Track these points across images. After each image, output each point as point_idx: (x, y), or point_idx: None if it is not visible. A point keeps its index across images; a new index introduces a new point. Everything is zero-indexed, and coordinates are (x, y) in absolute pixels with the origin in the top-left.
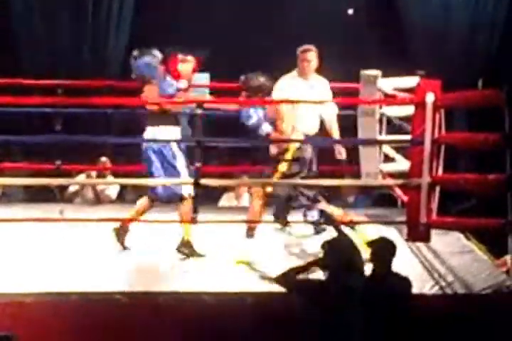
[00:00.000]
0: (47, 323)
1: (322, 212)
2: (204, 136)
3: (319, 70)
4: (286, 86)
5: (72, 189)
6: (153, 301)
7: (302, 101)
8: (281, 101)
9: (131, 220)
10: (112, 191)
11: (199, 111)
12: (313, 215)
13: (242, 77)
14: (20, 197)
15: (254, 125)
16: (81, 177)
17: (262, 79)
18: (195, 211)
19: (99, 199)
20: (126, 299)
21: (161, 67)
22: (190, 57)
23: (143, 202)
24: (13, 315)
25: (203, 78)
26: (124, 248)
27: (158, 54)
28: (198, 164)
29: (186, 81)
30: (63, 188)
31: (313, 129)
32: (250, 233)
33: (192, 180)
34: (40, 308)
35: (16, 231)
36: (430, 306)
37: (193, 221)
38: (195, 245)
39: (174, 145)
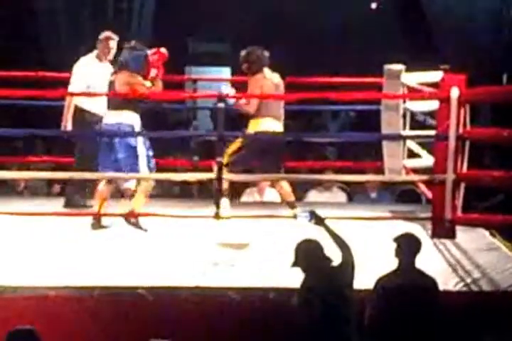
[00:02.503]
0: (69, 317)
1: (313, 213)
2: (226, 130)
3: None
4: (87, 66)
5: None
6: (177, 296)
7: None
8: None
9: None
10: (131, 184)
11: (221, 105)
12: (305, 216)
13: (243, 52)
14: (43, 191)
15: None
16: None
17: (259, 52)
18: (217, 206)
19: (122, 193)
20: (150, 293)
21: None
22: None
23: None
24: (35, 308)
25: (225, 72)
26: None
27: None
28: (219, 159)
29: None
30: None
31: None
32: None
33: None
34: (63, 302)
35: (38, 225)
36: (455, 303)
37: (216, 216)
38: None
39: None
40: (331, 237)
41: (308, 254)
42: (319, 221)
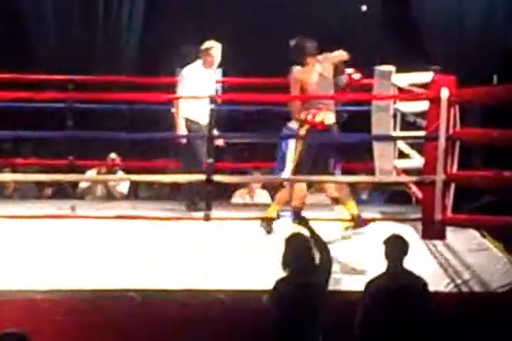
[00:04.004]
0: (58, 320)
1: (296, 213)
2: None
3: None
4: (192, 73)
5: (83, 185)
6: (167, 299)
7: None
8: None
9: None
10: (123, 187)
11: (212, 107)
12: (289, 217)
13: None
14: (32, 193)
15: None
16: (91, 174)
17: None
18: (208, 208)
19: (111, 196)
20: (140, 296)
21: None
22: None
23: None
24: (24, 311)
25: (217, 74)
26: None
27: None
28: (210, 160)
29: None
30: (75, 184)
31: (206, 120)
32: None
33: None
34: (52, 305)
35: (27, 228)
36: (445, 304)
37: (206, 218)
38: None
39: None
40: (312, 239)
41: (296, 247)
42: (303, 222)
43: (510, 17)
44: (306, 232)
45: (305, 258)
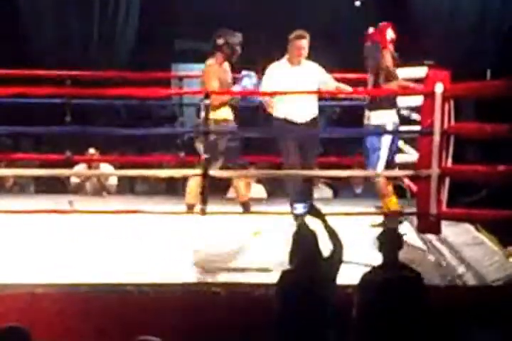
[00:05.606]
0: (57, 314)
1: (311, 206)
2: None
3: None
4: (275, 74)
5: (75, 180)
6: (164, 292)
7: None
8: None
9: None
10: (113, 181)
11: (207, 102)
12: (300, 207)
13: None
14: (31, 188)
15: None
16: (79, 168)
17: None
18: (203, 202)
19: (106, 190)
20: (137, 290)
21: None
22: None
23: None
24: (23, 305)
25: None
26: None
27: None
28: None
29: None
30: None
31: (305, 117)
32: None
33: None
34: (51, 299)
35: (26, 222)
36: (441, 298)
37: (202, 212)
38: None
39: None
40: (326, 231)
41: (302, 241)
42: (317, 213)
43: (504, 13)
44: (318, 224)
45: (311, 252)
